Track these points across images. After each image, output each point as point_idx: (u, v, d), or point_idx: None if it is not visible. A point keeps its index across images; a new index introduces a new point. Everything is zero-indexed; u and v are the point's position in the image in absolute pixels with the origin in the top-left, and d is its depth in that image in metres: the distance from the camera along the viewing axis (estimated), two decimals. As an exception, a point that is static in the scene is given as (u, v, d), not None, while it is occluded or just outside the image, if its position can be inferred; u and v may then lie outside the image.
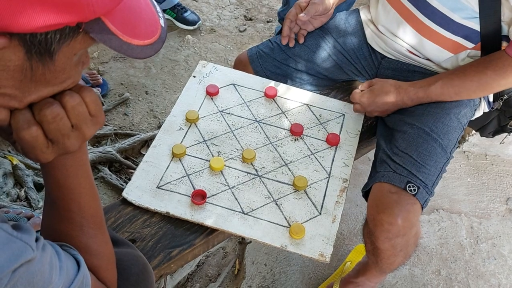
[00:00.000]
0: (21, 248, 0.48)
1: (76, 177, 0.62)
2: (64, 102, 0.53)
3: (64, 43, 0.47)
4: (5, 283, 0.45)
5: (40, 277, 0.50)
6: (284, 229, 1.02)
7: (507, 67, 1.04)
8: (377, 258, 1.13)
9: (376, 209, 1.03)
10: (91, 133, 0.57)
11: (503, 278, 1.59)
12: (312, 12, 1.23)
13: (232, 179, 1.10)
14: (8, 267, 0.46)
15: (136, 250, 0.81)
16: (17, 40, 0.44)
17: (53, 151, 0.55)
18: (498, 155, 1.94)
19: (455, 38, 1.12)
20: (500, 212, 1.77)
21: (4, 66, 0.46)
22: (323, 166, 1.15)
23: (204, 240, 1.01)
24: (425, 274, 1.57)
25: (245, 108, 1.25)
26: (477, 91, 1.11)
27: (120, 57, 2.12)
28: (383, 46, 1.27)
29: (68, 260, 0.56)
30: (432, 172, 1.05)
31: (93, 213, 0.65)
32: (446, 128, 1.11)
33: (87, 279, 0.59)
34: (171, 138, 1.16)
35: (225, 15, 2.45)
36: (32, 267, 0.49)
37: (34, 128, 0.52)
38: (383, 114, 1.21)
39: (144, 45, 0.51)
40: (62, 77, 0.51)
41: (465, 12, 1.07)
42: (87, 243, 0.64)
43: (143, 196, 1.04)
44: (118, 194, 1.57)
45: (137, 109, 1.92)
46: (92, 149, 1.65)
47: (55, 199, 0.62)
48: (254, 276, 1.49)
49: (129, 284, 0.72)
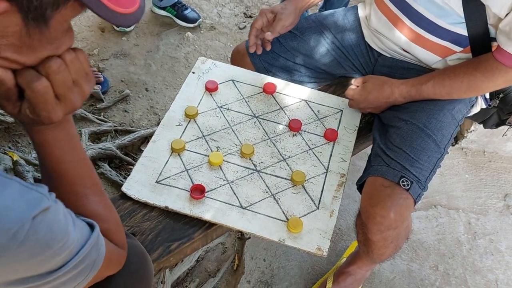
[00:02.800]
0: (38, 197, 0.51)
1: (71, 150, 0.66)
2: (63, 56, 0.57)
3: (57, 9, 0.50)
4: (27, 228, 0.49)
5: (57, 225, 0.53)
6: (282, 223, 1.03)
7: (495, 70, 1.05)
8: (368, 248, 1.16)
9: (370, 202, 1.05)
10: (88, 89, 0.61)
11: (500, 273, 1.60)
12: (278, 29, 1.23)
13: (231, 174, 1.11)
14: (28, 214, 0.49)
15: (134, 240, 0.83)
16: (15, 6, 0.47)
17: (61, 108, 0.59)
18: (496, 152, 1.95)
19: (443, 42, 1.14)
20: (498, 208, 1.78)
21: (4, 32, 0.49)
22: (321, 161, 1.16)
23: (203, 234, 1.02)
24: (423, 269, 1.58)
25: (244, 104, 1.26)
26: (468, 92, 1.12)
27: (120, 54, 2.13)
28: (379, 44, 1.28)
29: (80, 221, 0.60)
30: (425, 167, 1.06)
31: (93, 182, 0.70)
32: (440, 124, 1.12)
33: (101, 239, 0.63)
34: (171, 133, 1.17)
35: (225, 13, 2.46)
36: (49, 215, 0.52)
37: (44, 78, 0.55)
38: (376, 110, 1.23)
39: (127, 13, 0.55)
40: (56, 42, 0.55)
41: (451, 18, 1.08)
42: (94, 209, 0.68)
43: (143, 190, 1.05)
44: (118, 190, 1.57)
45: (137, 106, 1.93)
46: (92, 146, 1.66)
47: (56, 176, 0.66)
48: (253, 271, 1.50)
49: (129, 272, 0.74)
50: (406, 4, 1.13)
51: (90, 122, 1.80)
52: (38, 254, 0.51)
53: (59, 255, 0.54)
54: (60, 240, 0.53)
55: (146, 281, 0.79)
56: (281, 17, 1.21)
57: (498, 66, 1.04)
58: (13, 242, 0.48)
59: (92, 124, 1.79)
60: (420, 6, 1.11)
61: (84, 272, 0.59)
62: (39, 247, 0.51)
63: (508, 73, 1.04)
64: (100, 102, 1.89)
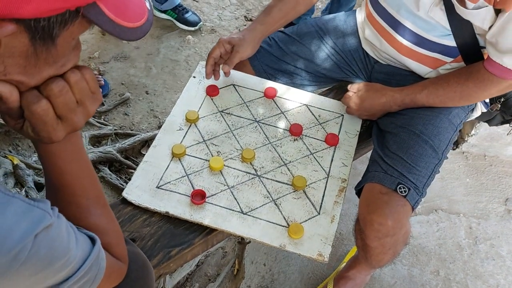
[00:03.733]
0: (40, 214, 0.51)
1: (76, 161, 0.65)
2: (67, 77, 0.56)
3: (64, 27, 0.50)
4: (29, 248, 0.48)
5: (60, 242, 0.53)
6: (283, 229, 1.03)
7: (487, 81, 1.05)
8: (366, 254, 1.16)
9: (367, 209, 1.04)
10: (93, 109, 0.60)
11: (502, 278, 1.59)
12: (235, 61, 1.22)
13: (232, 179, 1.10)
14: (31, 233, 0.49)
15: (135, 247, 0.82)
16: (22, 26, 0.47)
17: (63, 128, 0.58)
18: (497, 156, 1.95)
19: (432, 54, 1.15)
20: (499, 213, 1.77)
21: (11, 53, 0.48)
22: (322, 166, 1.16)
23: (203, 239, 1.02)
24: (424, 274, 1.57)
25: (245, 108, 1.26)
26: (461, 101, 1.12)
27: (121, 57, 2.13)
28: (374, 52, 1.29)
29: (81, 235, 0.59)
30: (423, 173, 1.06)
31: (97, 194, 0.69)
32: (437, 130, 1.12)
33: (102, 253, 0.62)
34: (171, 138, 1.16)
35: (226, 16, 2.46)
36: (52, 232, 0.52)
37: (43, 101, 0.54)
38: (372, 117, 1.23)
39: (134, 27, 0.55)
40: (62, 60, 0.54)
41: (437, 31, 1.09)
42: (95, 222, 0.67)
43: (143, 195, 1.05)
44: (118, 194, 1.58)
45: (137, 109, 1.93)
46: (92, 149, 1.66)
47: (59, 187, 0.65)
48: (253, 276, 1.50)
49: (130, 280, 0.73)
50: (394, 19, 1.15)
51: (91, 125, 1.79)
52: (39, 272, 0.51)
53: (60, 272, 0.53)
54: (62, 257, 0.53)
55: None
56: (238, 50, 1.21)
57: (489, 77, 1.04)
58: (15, 263, 0.47)
59: (93, 128, 1.79)
60: (407, 21, 1.12)
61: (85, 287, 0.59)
62: (40, 265, 0.50)
63: (500, 83, 1.04)
64: (101, 105, 1.89)
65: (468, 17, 1.01)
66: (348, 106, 1.24)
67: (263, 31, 1.25)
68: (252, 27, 1.24)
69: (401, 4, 1.11)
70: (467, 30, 1.05)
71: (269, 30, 1.26)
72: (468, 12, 1.00)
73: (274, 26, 1.26)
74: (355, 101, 1.22)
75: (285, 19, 1.27)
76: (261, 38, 1.26)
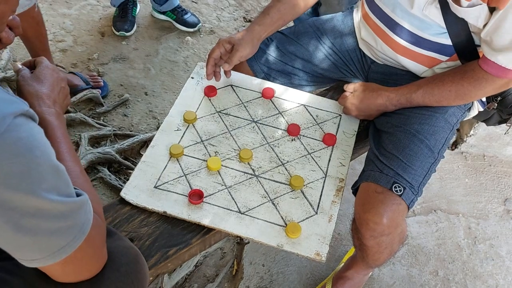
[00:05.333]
0: (18, 101, 0.54)
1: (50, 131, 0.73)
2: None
3: None
4: (8, 123, 0.50)
5: (41, 139, 0.54)
6: (281, 228, 1.03)
7: (482, 79, 1.05)
8: (363, 253, 1.16)
9: (363, 208, 1.04)
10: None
11: (501, 279, 1.59)
12: (235, 60, 1.22)
13: (229, 179, 1.10)
14: (7, 110, 0.51)
15: (127, 241, 0.80)
16: None
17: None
18: (496, 156, 1.95)
19: (428, 53, 1.15)
20: (498, 213, 1.77)
21: None
22: (319, 165, 1.16)
23: (201, 239, 1.02)
24: (423, 274, 1.57)
25: (243, 109, 1.26)
26: (457, 100, 1.12)
27: (119, 58, 2.13)
28: (370, 52, 1.29)
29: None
30: (418, 172, 1.06)
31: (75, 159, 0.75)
32: (433, 129, 1.12)
33: (90, 205, 0.63)
34: (169, 138, 1.16)
35: (225, 17, 2.46)
36: (32, 125, 0.54)
37: None
38: (369, 118, 1.24)
39: None
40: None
41: (432, 29, 1.09)
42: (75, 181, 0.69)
43: (141, 195, 1.05)
44: (117, 195, 1.57)
45: (136, 110, 1.93)
46: (91, 150, 1.66)
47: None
48: (252, 277, 1.50)
49: (120, 275, 0.72)
50: (389, 18, 1.15)
51: (90, 126, 1.80)
52: (20, 156, 0.50)
53: (44, 177, 0.53)
54: (43, 152, 0.53)
55: (138, 283, 0.76)
56: (238, 48, 1.21)
57: (484, 76, 1.04)
58: None
59: (92, 129, 1.79)
60: (402, 20, 1.12)
61: (72, 231, 0.58)
62: (22, 148, 0.50)
63: (495, 81, 1.04)
64: (100, 106, 1.89)
65: (463, 15, 1.02)
66: (344, 106, 1.24)
67: (262, 32, 1.25)
68: (250, 28, 1.25)
69: (396, 4, 1.11)
70: (462, 28, 1.06)
71: (268, 30, 1.26)
72: (463, 10, 1.00)
73: (273, 26, 1.27)
74: (351, 101, 1.22)
75: (283, 19, 1.27)
76: (260, 38, 1.26)
